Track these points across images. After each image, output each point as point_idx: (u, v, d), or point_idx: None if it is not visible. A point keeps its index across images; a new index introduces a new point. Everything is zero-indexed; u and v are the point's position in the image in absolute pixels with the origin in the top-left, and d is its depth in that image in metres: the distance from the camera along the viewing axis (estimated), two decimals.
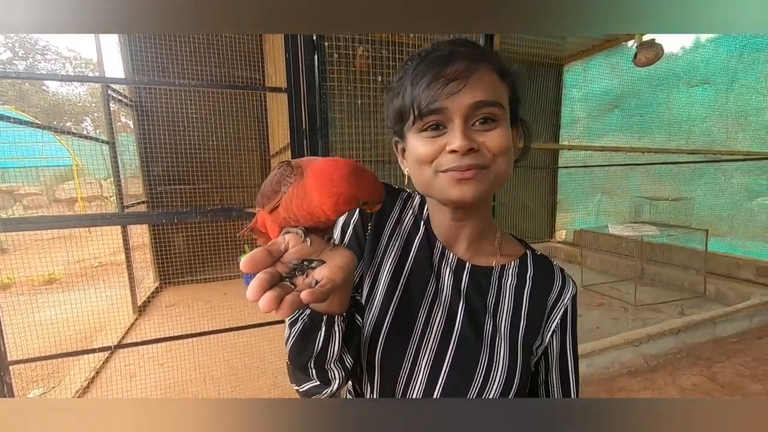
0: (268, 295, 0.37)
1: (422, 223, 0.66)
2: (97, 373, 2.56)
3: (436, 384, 0.58)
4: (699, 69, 4.54)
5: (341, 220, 0.66)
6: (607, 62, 5.43)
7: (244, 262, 0.40)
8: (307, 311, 0.49)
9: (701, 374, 2.71)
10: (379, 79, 1.97)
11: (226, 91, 4.52)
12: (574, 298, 0.65)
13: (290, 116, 1.82)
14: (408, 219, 0.67)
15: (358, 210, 0.65)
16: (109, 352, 2.76)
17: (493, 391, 0.57)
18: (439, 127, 0.54)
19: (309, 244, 0.45)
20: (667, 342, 3.04)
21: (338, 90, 2.01)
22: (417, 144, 0.56)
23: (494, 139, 0.53)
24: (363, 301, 0.62)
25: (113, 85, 3.58)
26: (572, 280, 0.66)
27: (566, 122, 6.11)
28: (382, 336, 0.59)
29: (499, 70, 0.55)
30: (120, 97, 3.79)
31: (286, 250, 0.44)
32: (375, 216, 0.66)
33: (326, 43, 1.81)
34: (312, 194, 0.44)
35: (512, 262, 0.66)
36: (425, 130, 0.55)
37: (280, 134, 3.82)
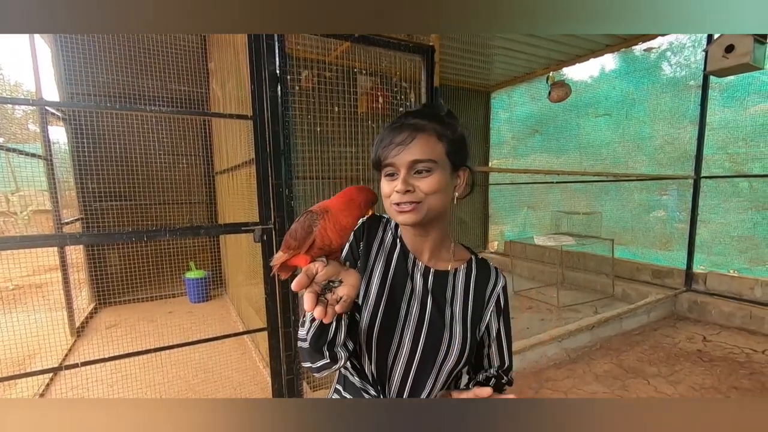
0: (320, 308, 0.60)
1: (398, 240, 0.89)
2: (41, 397, 2.45)
3: (415, 355, 0.81)
4: (602, 102, 5.13)
5: None
6: (528, 92, 5.98)
7: (295, 282, 0.60)
8: None
9: (611, 362, 3.15)
10: (336, 110, 2.19)
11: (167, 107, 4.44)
12: (504, 288, 0.91)
13: (255, 141, 1.97)
14: (388, 238, 0.90)
15: (352, 233, 0.88)
16: (51, 375, 2.65)
17: (453, 357, 0.81)
18: (393, 174, 0.79)
19: (330, 266, 0.65)
20: (584, 337, 3.47)
21: (299, 118, 2.21)
22: (382, 184, 0.82)
23: (426, 183, 0.76)
24: (360, 300, 0.82)
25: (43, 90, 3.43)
26: (503, 275, 0.92)
27: (495, 143, 6.63)
28: (377, 323, 0.81)
29: (437, 134, 0.79)
30: (52, 110, 3.63)
31: (317, 273, 0.63)
32: (365, 237, 0.88)
33: (288, 77, 2.00)
34: (344, 215, 0.68)
35: (462, 265, 0.89)
36: (386, 175, 0.80)
37: (224, 152, 3.86)
